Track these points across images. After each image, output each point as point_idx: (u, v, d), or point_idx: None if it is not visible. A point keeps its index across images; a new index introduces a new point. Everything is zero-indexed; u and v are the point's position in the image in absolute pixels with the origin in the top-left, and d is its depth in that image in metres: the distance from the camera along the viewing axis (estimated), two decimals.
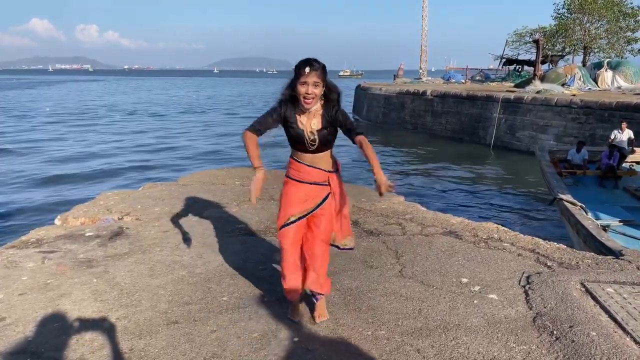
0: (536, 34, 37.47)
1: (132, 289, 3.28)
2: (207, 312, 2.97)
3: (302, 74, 2.60)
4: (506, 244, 4.06)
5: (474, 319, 2.84)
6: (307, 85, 2.60)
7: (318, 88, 2.63)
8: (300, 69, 2.61)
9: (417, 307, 2.99)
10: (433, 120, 25.37)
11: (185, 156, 19.29)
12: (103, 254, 3.92)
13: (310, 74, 2.59)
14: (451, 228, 4.47)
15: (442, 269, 3.55)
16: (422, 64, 42.97)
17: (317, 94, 2.64)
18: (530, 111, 20.43)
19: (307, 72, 2.58)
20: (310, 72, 2.58)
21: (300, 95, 2.63)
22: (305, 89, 2.60)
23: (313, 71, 2.59)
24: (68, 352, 2.54)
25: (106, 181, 13.96)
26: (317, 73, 2.60)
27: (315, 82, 2.60)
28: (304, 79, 2.60)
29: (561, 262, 3.67)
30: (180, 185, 6.26)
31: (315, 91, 2.62)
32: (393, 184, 2.60)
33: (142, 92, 69.41)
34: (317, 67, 2.61)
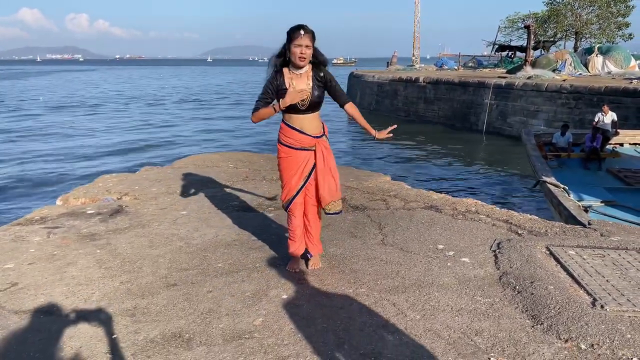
0: (528, 19, 37.64)
1: (133, 258, 3.55)
2: (203, 276, 3.24)
3: (296, 36, 2.88)
4: (482, 216, 4.35)
5: (446, 278, 3.13)
6: (302, 47, 2.89)
7: (310, 50, 2.92)
8: (294, 32, 2.89)
9: (395, 270, 3.27)
10: (426, 107, 25.61)
11: (180, 142, 19.49)
12: (105, 228, 4.18)
13: (304, 36, 2.88)
14: (432, 203, 4.75)
15: (420, 238, 3.83)
16: (415, 51, 43.13)
17: (309, 55, 2.93)
18: (521, 97, 20.70)
19: (302, 34, 2.87)
20: (304, 35, 2.88)
21: (295, 56, 2.90)
22: (300, 50, 2.89)
23: (306, 34, 2.89)
24: (78, 311, 2.81)
25: (104, 166, 14.16)
26: (309, 36, 2.90)
27: (307, 45, 2.90)
28: (298, 41, 2.88)
29: (531, 230, 3.96)
30: (176, 168, 6.51)
31: (308, 52, 2.91)
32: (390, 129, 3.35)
33: (131, 82, 69.14)
34: (309, 30, 2.91)
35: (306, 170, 3.14)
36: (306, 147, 3.12)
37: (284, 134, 3.13)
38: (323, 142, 3.19)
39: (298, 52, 2.91)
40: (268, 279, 3.18)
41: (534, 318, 2.61)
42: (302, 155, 3.12)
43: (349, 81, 34.49)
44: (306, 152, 3.13)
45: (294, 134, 3.08)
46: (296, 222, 3.28)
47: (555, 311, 2.63)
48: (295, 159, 3.13)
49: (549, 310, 2.64)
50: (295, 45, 2.90)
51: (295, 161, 3.13)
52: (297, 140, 3.10)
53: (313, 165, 3.14)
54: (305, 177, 3.15)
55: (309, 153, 3.13)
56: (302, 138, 3.10)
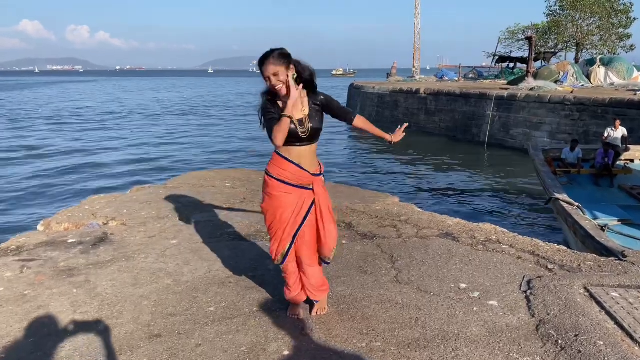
0: (528, 31, 37.53)
1: (113, 300, 3.11)
2: (192, 323, 2.81)
3: (261, 71, 2.60)
4: (505, 246, 3.92)
5: (474, 328, 2.70)
6: (269, 79, 2.57)
7: (281, 74, 2.56)
8: (259, 65, 2.61)
9: (414, 316, 2.84)
10: (427, 119, 25.28)
11: (177, 158, 19.08)
12: (85, 261, 3.74)
13: (266, 68, 2.56)
14: (448, 230, 4.33)
15: (439, 274, 3.40)
16: (415, 62, 42.87)
17: (282, 80, 2.56)
18: (523, 108, 20.37)
19: (263, 67, 2.58)
20: (265, 66, 2.56)
21: (271, 89, 2.61)
22: (270, 82, 2.58)
23: (267, 64, 2.56)
24: None
25: (93, 184, 13.73)
26: (272, 61, 2.55)
27: (274, 72, 2.55)
28: (264, 74, 2.59)
29: (562, 265, 3.53)
30: (169, 187, 6.08)
31: (279, 79, 2.56)
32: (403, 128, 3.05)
33: (130, 94, 68.90)
34: (268, 56, 2.56)
35: (302, 214, 2.70)
36: (304, 185, 2.69)
37: (277, 165, 2.67)
38: (321, 181, 2.78)
39: (270, 84, 2.59)
40: (267, 328, 2.75)
41: None
42: (298, 194, 2.68)
43: (349, 92, 34.24)
44: (303, 192, 2.70)
45: (290, 166, 2.65)
46: (291, 268, 2.84)
47: None
48: (290, 198, 2.67)
49: None
50: (265, 79, 2.60)
51: (289, 201, 2.67)
52: (295, 176, 2.66)
53: (307, 211, 2.71)
54: (300, 224, 2.70)
55: (306, 193, 2.70)
56: (300, 174, 2.66)
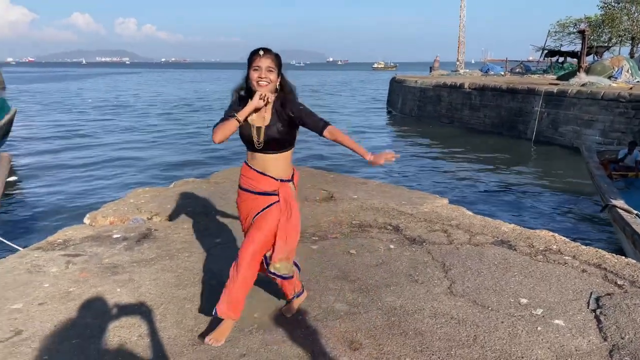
0: (581, 24, 35.95)
1: (157, 301, 3.04)
2: (236, 331, 2.70)
3: (254, 58, 2.46)
4: (567, 257, 3.65)
5: (539, 350, 2.48)
6: (260, 70, 2.45)
7: (272, 74, 2.48)
8: (253, 55, 2.48)
9: (472, 333, 2.64)
10: (471, 114, 24.60)
11: (218, 155, 19.24)
12: (129, 258, 3.70)
13: (264, 58, 2.45)
14: (503, 237, 4.08)
15: (497, 287, 3.18)
16: (459, 56, 41.78)
17: (271, 80, 2.47)
18: (574, 105, 19.50)
19: (261, 55, 2.45)
20: (263, 56, 2.45)
21: (253, 80, 2.47)
22: (258, 74, 2.46)
23: (267, 55, 2.46)
24: None
25: (137, 177, 13.95)
26: (271, 57, 2.46)
27: (268, 67, 2.46)
28: (256, 63, 2.45)
29: (633, 281, 3.24)
30: (212, 183, 6.03)
31: (269, 76, 2.46)
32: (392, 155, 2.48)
33: (177, 85, 70.15)
34: (272, 52, 2.49)
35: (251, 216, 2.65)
36: (267, 191, 2.60)
37: (243, 174, 2.68)
38: (287, 187, 2.63)
39: (256, 76, 2.47)
40: (314, 340, 2.60)
41: None
42: (260, 200, 2.60)
43: (390, 86, 33.72)
44: (266, 198, 2.60)
45: (254, 174, 2.61)
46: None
47: None
48: (248, 202, 2.65)
49: None
50: (254, 69, 2.46)
51: (247, 204, 2.66)
52: (258, 182, 2.60)
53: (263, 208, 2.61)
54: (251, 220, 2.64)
55: (269, 198, 2.60)
56: (262, 180, 2.59)
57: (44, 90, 53.63)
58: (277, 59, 2.49)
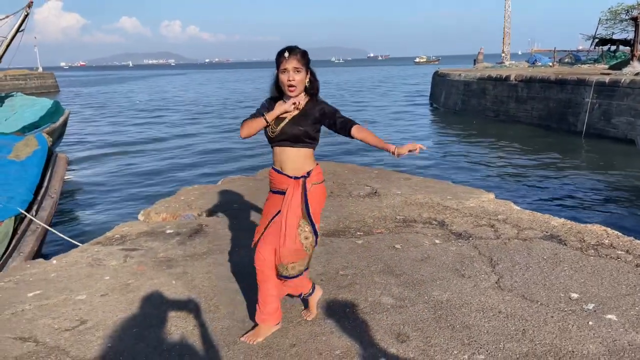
0: (634, 10, 34.28)
1: (210, 293, 3.18)
2: (286, 322, 2.79)
3: (281, 60, 2.43)
4: (620, 252, 3.55)
5: (590, 345, 2.44)
6: (288, 72, 2.43)
7: (300, 74, 2.45)
8: (279, 57, 2.45)
9: (521, 327, 2.63)
10: (517, 107, 23.95)
11: (265, 150, 19.52)
12: (182, 253, 3.87)
13: (290, 59, 2.42)
14: (552, 231, 4.01)
15: (546, 281, 3.14)
16: (504, 47, 40.67)
17: (299, 81, 2.45)
18: (628, 95, 18.66)
19: (287, 57, 2.42)
20: (289, 57, 2.42)
21: (283, 84, 2.46)
22: (287, 76, 2.44)
23: (292, 56, 2.42)
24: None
25: (187, 174, 14.36)
26: (297, 57, 2.43)
27: (295, 68, 2.43)
28: (283, 65, 2.43)
29: None
30: (258, 180, 6.18)
31: (297, 77, 2.44)
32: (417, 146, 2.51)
33: (217, 85, 71.46)
34: (297, 51, 2.44)
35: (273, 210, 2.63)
36: (283, 189, 2.57)
37: (269, 174, 2.68)
38: (298, 184, 2.53)
39: (285, 79, 2.44)
40: (361, 331, 2.66)
41: None
42: (277, 200, 2.59)
43: (432, 80, 33.23)
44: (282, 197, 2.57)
45: (272, 173, 2.63)
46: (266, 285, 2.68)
47: None
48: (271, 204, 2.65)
49: None
50: (281, 71, 2.45)
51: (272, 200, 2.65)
52: (276, 180, 2.60)
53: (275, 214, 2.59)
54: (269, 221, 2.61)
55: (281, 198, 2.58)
56: (279, 179, 2.57)
57: (95, 92, 55.82)
58: (304, 57, 2.46)
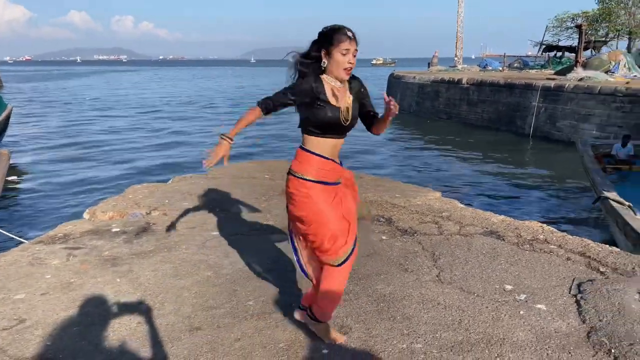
0: (578, 19, 36.02)
1: (155, 290, 3.15)
2: (231, 317, 2.82)
3: (342, 39, 2.26)
4: (553, 246, 3.76)
5: (520, 333, 2.59)
6: (349, 54, 2.27)
7: (355, 59, 2.31)
8: (339, 34, 2.26)
9: (457, 318, 2.75)
10: (469, 109, 24.70)
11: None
12: (128, 251, 3.82)
13: (353, 41, 2.28)
14: (492, 227, 4.19)
15: (483, 274, 3.29)
16: (457, 52, 41.83)
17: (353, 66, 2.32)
18: (571, 100, 19.60)
19: (351, 37, 2.27)
20: (352, 41, 2.28)
21: (340, 65, 2.28)
22: (348, 58, 2.27)
23: (353, 39, 2.29)
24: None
25: (135, 173, 14.05)
26: (356, 42, 2.31)
27: (356, 51, 2.30)
28: (345, 45, 2.26)
29: (615, 268, 3.35)
30: (210, 178, 6.14)
31: (354, 61, 2.30)
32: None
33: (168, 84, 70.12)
34: (353, 33, 2.30)
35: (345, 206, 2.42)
36: (337, 181, 2.42)
37: (315, 166, 2.33)
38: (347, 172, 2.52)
39: (345, 61, 2.27)
40: (306, 325, 2.71)
41: None
42: (332, 190, 2.39)
43: (388, 82, 33.79)
44: (335, 187, 2.42)
45: (327, 163, 2.35)
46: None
47: None
48: (326, 195, 2.36)
49: None
50: (342, 52, 2.26)
51: (327, 197, 2.36)
52: (333, 171, 2.39)
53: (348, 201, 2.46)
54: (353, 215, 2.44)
55: (335, 188, 2.42)
56: (336, 169, 2.40)
57: (39, 88, 53.64)
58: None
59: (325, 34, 2.29)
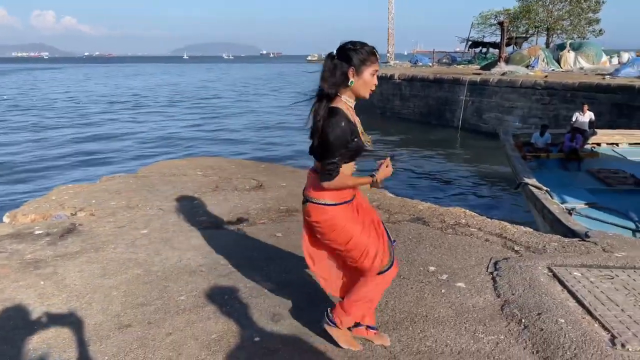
0: (501, 16, 37.89)
1: (82, 291, 3.07)
2: (162, 313, 2.80)
3: (372, 61, 2.10)
4: (473, 229, 4.00)
5: (441, 309, 2.76)
6: (374, 76, 2.14)
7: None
8: (371, 55, 2.10)
9: (384, 300, 2.88)
10: (402, 104, 25.44)
11: (148, 147, 18.80)
12: (52, 253, 3.68)
13: (377, 63, 2.14)
14: (418, 214, 4.39)
15: (409, 258, 3.46)
16: (389, 48, 42.88)
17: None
18: (496, 93, 20.66)
19: (375, 63, 2.12)
20: (377, 62, 2.13)
21: (368, 87, 2.14)
22: (375, 80, 2.15)
23: (377, 58, 2.14)
24: None
25: (62, 174, 13.43)
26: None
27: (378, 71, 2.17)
28: (375, 66, 2.12)
29: (528, 247, 3.62)
30: (140, 177, 6.00)
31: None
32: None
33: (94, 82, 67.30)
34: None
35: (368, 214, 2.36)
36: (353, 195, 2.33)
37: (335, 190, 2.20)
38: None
39: (374, 82, 2.13)
40: (238, 316, 2.75)
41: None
42: (353, 206, 2.30)
43: None
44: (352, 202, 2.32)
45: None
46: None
47: (571, 353, 2.28)
48: (349, 210, 2.26)
49: (564, 352, 2.29)
50: (372, 73, 2.12)
51: (351, 212, 2.27)
52: (352, 191, 2.29)
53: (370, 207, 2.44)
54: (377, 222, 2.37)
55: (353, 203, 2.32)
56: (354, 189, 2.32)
57: None
58: None
59: (357, 52, 2.09)
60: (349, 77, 2.09)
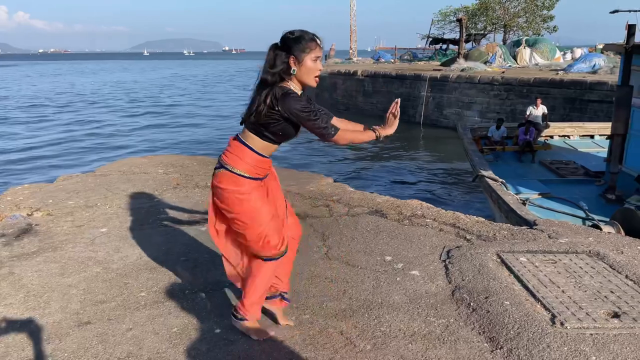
0: (459, 13, 38.68)
1: (40, 290, 3.05)
2: (123, 309, 2.82)
3: (313, 47, 2.14)
4: (429, 220, 4.15)
5: (396, 296, 2.87)
6: (319, 61, 2.19)
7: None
8: (311, 41, 2.14)
9: (342, 289, 2.98)
10: (365, 100, 25.71)
11: (109, 145, 18.42)
12: (8, 254, 3.62)
13: (320, 48, 2.18)
14: (377, 207, 4.51)
15: (367, 249, 3.57)
16: (352, 44, 43.18)
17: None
18: (455, 89, 21.15)
19: (318, 47, 2.16)
20: (320, 47, 2.18)
21: (312, 73, 2.19)
22: (319, 65, 2.19)
23: (320, 44, 2.19)
24: None
25: (16, 176, 13.03)
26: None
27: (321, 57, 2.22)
28: (317, 52, 2.16)
29: (479, 235, 3.79)
30: (98, 175, 5.92)
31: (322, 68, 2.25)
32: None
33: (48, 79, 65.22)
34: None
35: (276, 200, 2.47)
36: (266, 174, 2.41)
37: (253, 164, 2.27)
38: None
39: (317, 68, 2.18)
40: (199, 309, 2.80)
41: (493, 341, 2.40)
42: (264, 185, 2.38)
43: None
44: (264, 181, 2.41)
45: (265, 162, 2.32)
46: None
47: (515, 332, 2.43)
48: (262, 190, 2.35)
49: (508, 331, 2.44)
50: (314, 59, 2.16)
51: (263, 193, 2.35)
52: (266, 168, 2.36)
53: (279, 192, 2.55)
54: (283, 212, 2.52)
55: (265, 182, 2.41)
56: (268, 163, 2.37)
57: None
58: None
59: (296, 40, 2.14)
60: (291, 66, 2.14)
